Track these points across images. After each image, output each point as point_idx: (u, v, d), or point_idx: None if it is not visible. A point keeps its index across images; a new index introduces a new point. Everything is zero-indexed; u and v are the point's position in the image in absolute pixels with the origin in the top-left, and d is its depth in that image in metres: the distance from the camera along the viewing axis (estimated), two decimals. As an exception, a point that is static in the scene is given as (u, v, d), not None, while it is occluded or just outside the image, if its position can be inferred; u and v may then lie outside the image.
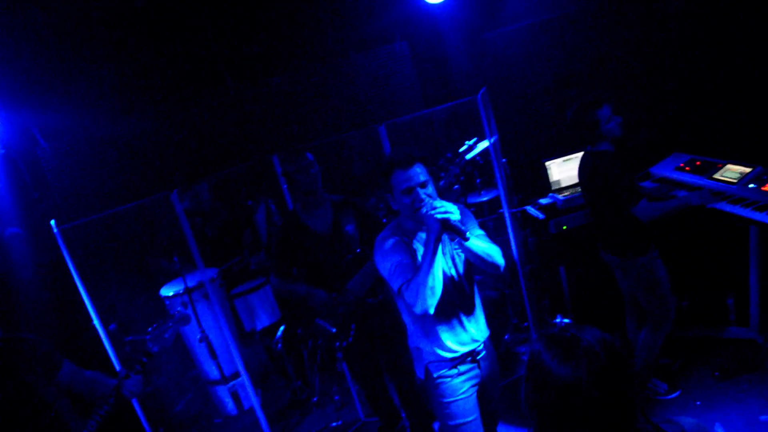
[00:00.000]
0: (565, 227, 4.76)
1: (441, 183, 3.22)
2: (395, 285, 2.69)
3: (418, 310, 2.58)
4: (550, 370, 1.57)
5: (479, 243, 2.75)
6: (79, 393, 2.93)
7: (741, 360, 4.21)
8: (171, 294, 4.91)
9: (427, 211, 2.59)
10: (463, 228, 2.54)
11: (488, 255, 2.76)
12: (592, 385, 1.53)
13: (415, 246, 2.80)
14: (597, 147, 3.76)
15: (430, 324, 2.82)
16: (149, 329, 3.02)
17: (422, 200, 2.67)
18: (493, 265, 2.80)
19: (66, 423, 2.76)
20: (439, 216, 2.53)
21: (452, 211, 2.55)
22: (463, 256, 2.90)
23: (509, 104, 5.78)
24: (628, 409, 1.59)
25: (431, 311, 2.59)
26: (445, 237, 2.80)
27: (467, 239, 2.55)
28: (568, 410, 1.57)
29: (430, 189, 2.74)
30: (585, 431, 1.57)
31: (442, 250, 2.79)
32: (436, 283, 2.57)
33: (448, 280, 2.79)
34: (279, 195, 4.60)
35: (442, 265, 2.76)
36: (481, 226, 5.47)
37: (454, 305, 2.84)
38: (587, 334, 1.61)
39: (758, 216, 3.58)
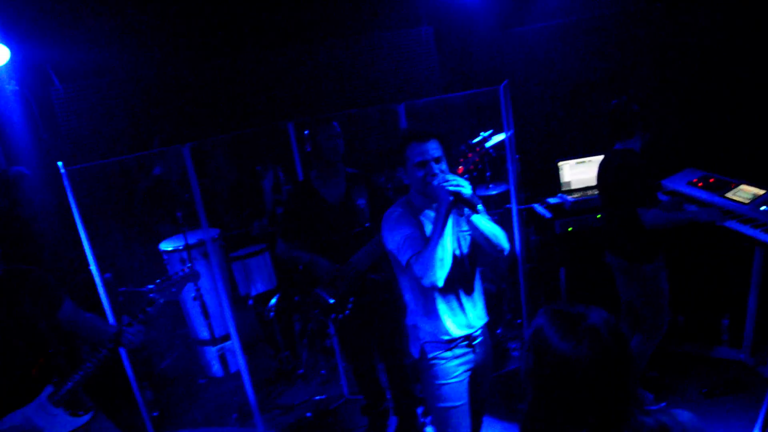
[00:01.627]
0: (570, 229, 4.76)
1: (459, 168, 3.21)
2: (404, 257, 2.68)
3: (426, 282, 2.58)
4: (552, 343, 1.57)
5: (487, 222, 2.79)
6: (76, 333, 2.92)
7: (729, 380, 4.22)
8: (171, 249, 4.89)
9: (439, 183, 2.60)
10: (474, 200, 2.55)
11: (494, 235, 2.81)
12: (591, 363, 1.52)
13: (423, 222, 2.80)
14: (626, 144, 3.76)
15: (432, 303, 2.82)
16: (157, 281, 2.99)
17: (435, 174, 2.69)
18: (498, 247, 2.85)
19: (60, 362, 2.76)
20: (451, 188, 2.55)
21: (464, 185, 2.56)
22: (468, 239, 2.91)
23: (527, 101, 5.76)
24: (624, 394, 1.58)
25: (440, 284, 2.59)
26: (452, 218, 2.79)
27: (478, 212, 2.59)
28: (565, 386, 1.56)
29: (444, 166, 2.77)
30: (579, 409, 1.57)
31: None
32: (446, 255, 2.57)
33: (452, 261, 2.78)
34: (290, 163, 4.57)
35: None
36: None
37: (456, 287, 2.84)
38: (594, 313, 1.60)
39: (767, 238, 3.59)
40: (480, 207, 2.57)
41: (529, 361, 1.64)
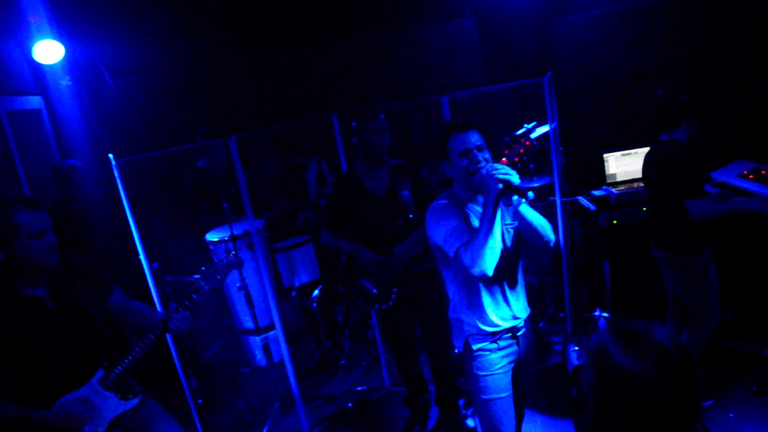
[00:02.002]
0: (615, 222, 4.69)
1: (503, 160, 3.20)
2: (452, 248, 2.67)
3: (476, 270, 2.57)
4: (616, 359, 1.52)
5: (534, 213, 2.79)
6: (125, 321, 3.02)
7: (780, 378, 4.12)
8: (216, 240, 4.99)
9: (487, 172, 2.59)
10: (523, 187, 2.53)
11: (541, 226, 2.81)
12: (656, 381, 1.47)
13: (468, 213, 2.79)
14: (672, 135, 3.70)
15: (476, 296, 2.82)
16: (202, 268, 3.07)
17: (479, 162, 2.69)
18: (545, 238, 2.85)
19: (111, 346, 2.85)
20: (500, 176, 2.53)
21: (512, 173, 2.55)
22: (512, 232, 2.90)
23: (572, 92, 5.68)
24: (689, 415, 1.53)
25: (490, 272, 2.58)
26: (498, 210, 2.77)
27: (529, 199, 2.55)
28: (627, 404, 1.52)
29: (487, 154, 2.76)
30: (642, 428, 1.52)
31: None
32: (495, 243, 2.56)
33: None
34: (334, 155, 4.62)
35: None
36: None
37: (501, 280, 2.84)
38: (658, 329, 1.55)
39: (822, 231, 3.48)
40: (530, 194, 2.54)
41: (590, 377, 1.60)
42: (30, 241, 2.55)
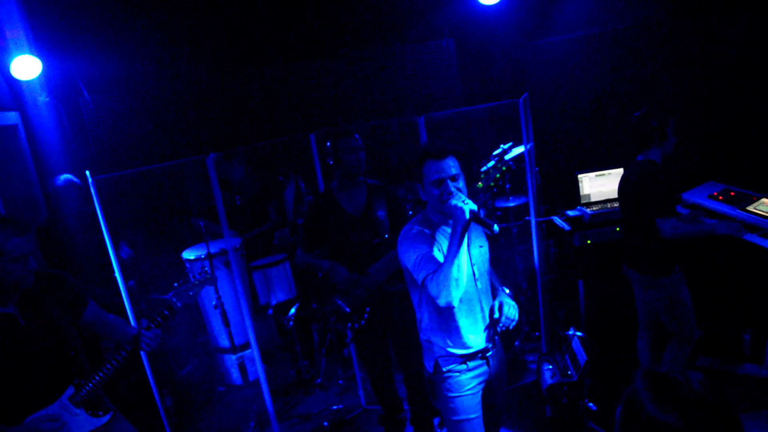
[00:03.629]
0: (589, 241, 4.75)
1: (480, 184, 3.24)
2: (419, 276, 2.68)
3: (442, 302, 2.58)
4: (649, 410, 1.46)
5: None
6: (99, 334, 3.00)
7: (750, 397, 4.17)
8: (192, 258, 4.98)
9: (455, 204, 2.61)
10: (489, 221, 2.57)
11: None
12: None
13: (438, 239, 2.81)
14: (648, 156, 3.79)
15: (446, 319, 2.83)
16: (175, 284, 3.07)
17: (451, 192, 2.69)
18: None
19: (82, 362, 2.83)
20: (468, 207, 2.56)
21: (476, 208, 2.59)
22: (486, 254, 2.94)
23: (548, 113, 5.77)
24: None
25: (455, 303, 2.59)
26: (468, 234, 2.81)
27: (495, 232, 2.58)
28: None
29: (461, 184, 2.76)
30: None
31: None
32: (460, 275, 2.58)
33: (468, 276, 2.81)
34: (311, 174, 4.64)
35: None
36: (505, 232, 5.51)
37: (472, 302, 2.86)
38: (695, 379, 1.49)
39: (788, 253, 3.56)
40: (496, 228, 2.58)
41: (622, 425, 1.55)
42: (10, 265, 2.54)
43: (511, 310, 2.92)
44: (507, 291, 3.16)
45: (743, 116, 5.27)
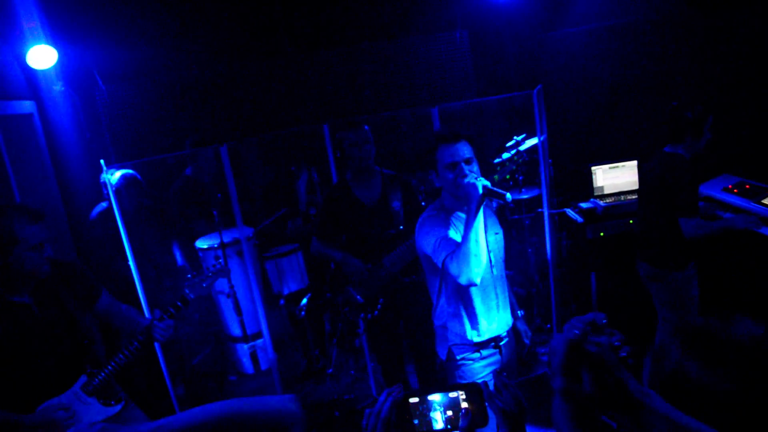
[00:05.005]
0: (602, 234, 4.74)
1: (497, 177, 3.26)
2: (439, 258, 2.71)
3: (463, 280, 2.61)
4: (693, 376, 1.27)
5: None
6: (112, 324, 3.03)
7: None
8: (206, 247, 5.00)
9: (468, 181, 2.65)
10: (501, 191, 2.58)
11: None
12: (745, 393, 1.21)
13: (454, 222, 2.84)
14: (676, 149, 3.72)
15: (462, 305, 2.85)
16: (188, 276, 3.09)
17: (466, 175, 2.72)
18: None
19: (96, 351, 2.86)
20: (480, 183, 2.61)
21: (489, 183, 2.64)
22: (501, 241, 2.96)
23: (561, 105, 5.74)
24: None
25: (476, 280, 2.62)
26: (484, 220, 2.82)
27: (508, 201, 2.60)
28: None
29: (475, 167, 2.80)
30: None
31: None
32: (479, 250, 2.60)
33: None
34: (325, 164, 4.65)
35: None
36: (518, 224, 5.50)
37: (486, 289, 2.87)
38: (741, 327, 1.31)
39: (804, 246, 3.53)
40: (508, 196, 2.59)
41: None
42: (27, 253, 2.57)
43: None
44: (521, 313, 3.25)
45: (759, 109, 5.22)
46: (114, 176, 4.38)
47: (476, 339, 2.87)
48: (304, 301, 5.05)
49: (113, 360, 2.83)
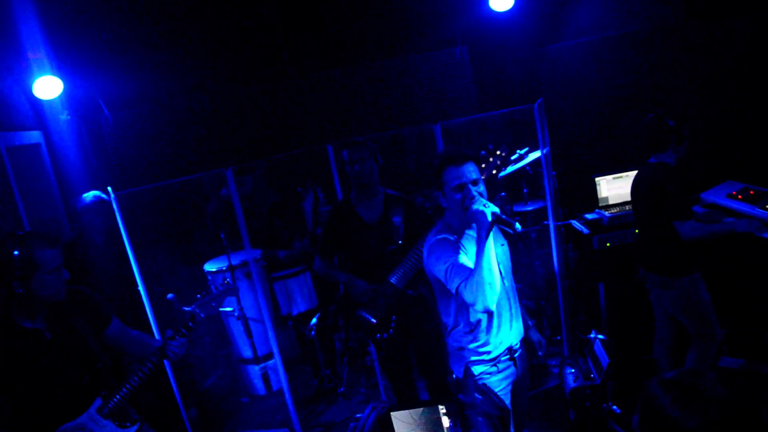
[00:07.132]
0: (608, 244, 4.74)
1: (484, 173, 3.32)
2: (452, 286, 2.70)
3: (479, 307, 2.61)
4: (668, 414, 1.45)
5: None
6: (123, 350, 3.06)
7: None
8: (214, 270, 5.03)
9: (477, 208, 2.64)
10: (511, 220, 2.59)
11: None
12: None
13: (463, 244, 2.84)
14: (660, 158, 3.77)
15: (477, 322, 2.85)
16: (198, 296, 3.12)
17: (473, 197, 2.72)
18: None
19: (108, 377, 2.88)
20: (489, 210, 2.60)
21: (498, 210, 2.63)
22: (508, 251, 2.98)
23: (563, 117, 5.78)
24: None
25: (492, 307, 2.62)
26: (491, 243, 2.83)
27: (518, 231, 2.60)
28: None
29: (482, 188, 2.80)
30: None
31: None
32: (493, 278, 2.60)
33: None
34: (330, 184, 4.68)
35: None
36: (524, 237, 5.51)
37: (499, 301, 2.87)
38: (711, 379, 1.49)
39: (810, 250, 3.53)
40: (518, 226, 2.60)
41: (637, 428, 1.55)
42: (46, 277, 2.61)
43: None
44: (531, 323, 3.27)
45: (760, 115, 5.24)
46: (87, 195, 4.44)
47: (493, 352, 2.88)
48: (314, 320, 5.06)
49: (127, 382, 2.85)
